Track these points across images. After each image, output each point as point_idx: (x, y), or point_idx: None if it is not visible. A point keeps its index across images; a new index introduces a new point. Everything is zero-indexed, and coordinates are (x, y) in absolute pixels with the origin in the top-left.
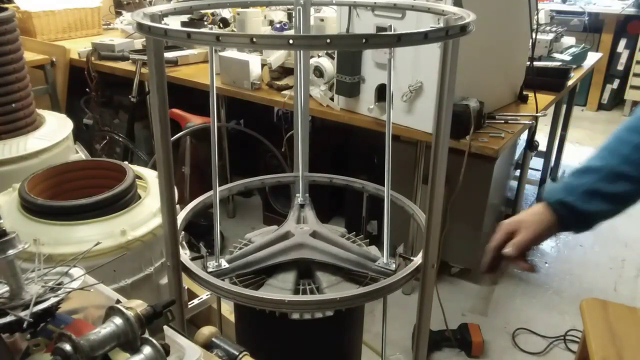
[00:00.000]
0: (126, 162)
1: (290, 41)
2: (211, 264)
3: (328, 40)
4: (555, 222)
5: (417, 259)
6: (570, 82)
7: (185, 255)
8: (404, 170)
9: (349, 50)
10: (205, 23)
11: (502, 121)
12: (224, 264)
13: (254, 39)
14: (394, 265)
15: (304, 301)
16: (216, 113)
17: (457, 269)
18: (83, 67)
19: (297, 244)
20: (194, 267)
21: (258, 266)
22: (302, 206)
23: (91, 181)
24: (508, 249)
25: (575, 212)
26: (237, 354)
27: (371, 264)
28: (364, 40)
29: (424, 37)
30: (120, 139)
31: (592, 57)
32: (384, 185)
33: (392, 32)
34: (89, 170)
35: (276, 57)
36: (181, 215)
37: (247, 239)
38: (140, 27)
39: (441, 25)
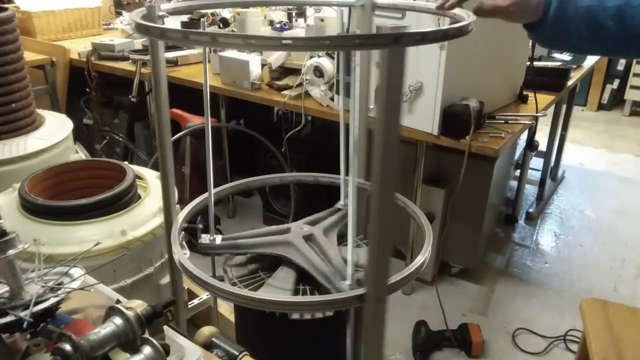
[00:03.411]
0: (126, 162)
1: (286, 42)
2: (205, 237)
3: (325, 42)
4: (541, 9)
5: (418, 259)
6: (570, 82)
7: (184, 255)
8: (403, 170)
9: (343, 51)
10: (206, 23)
11: (502, 121)
12: (218, 241)
13: (250, 40)
14: (354, 291)
15: (305, 302)
16: (216, 113)
17: (457, 269)
18: (83, 67)
19: (285, 241)
20: (193, 267)
21: (244, 251)
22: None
23: (91, 181)
24: (488, 6)
25: (561, 19)
26: (237, 354)
27: (338, 283)
28: (360, 41)
29: (421, 38)
30: (120, 139)
31: (592, 57)
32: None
33: (388, 33)
34: (89, 170)
35: (276, 57)
36: (181, 216)
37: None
38: (138, 27)
39: (443, 25)
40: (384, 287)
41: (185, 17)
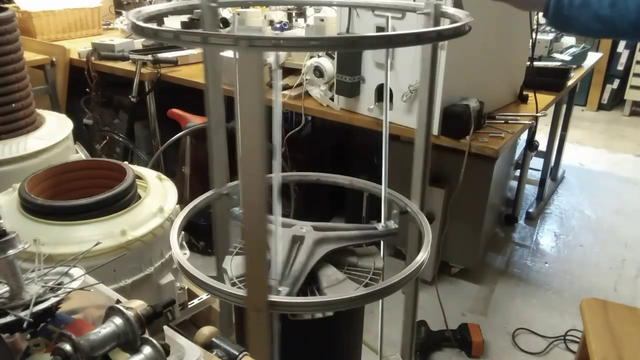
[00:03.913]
0: (126, 162)
1: (277, 42)
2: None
3: (315, 42)
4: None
5: (418, 259)
6: (570, 82)
7: (183, 255)
8: (403, 170)
9: (338, 51)
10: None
11: (502, 121)
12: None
13: (241, 40)
14: (394, 225)
15: (304, 302)
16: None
17: (457, 269)
18: (83, 67)
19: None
20: (192, 268)
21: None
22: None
23: (91, 181)
24: None
25: (560, 12)
26: (237, 354)
27: (374, 231)
28: (351, 42)
29: (415, 39)
30: (120, 139)
31: (592, 57)
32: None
33: (381, 34)
34: (89, 170)
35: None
36: (181, 216)
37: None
38: (134, 27)
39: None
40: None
41: (185, 17)
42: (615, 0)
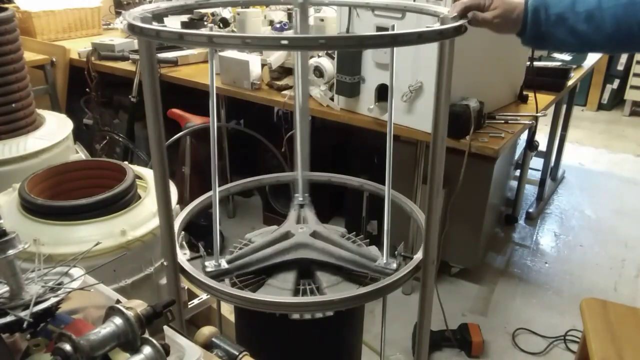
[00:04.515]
0: (126, 162)
1: (283, 42)
2: (210, 264)
3: (322, 41)
4: (520, 20)
5: (417, 257)
6: (570, 82)
7: (183, 256)
8: (404, 170)
9: (340, 50)
10: (205, 23)
11: (502, 121)
12: (224, 264)
13: (247, 40)
14: (394, 265)
15: (304, 302)
16: (216, 113)
17: (457, 269)
18: (83, 67)
19: (297, 243)
20: (192, 269)
21: (257, 266)
22: (301, 206)
23: (91, 181)
24: (476, 17)
25: (538, 29)
26: (237, 354)
27: (371, 264)
28: (356, 41)
29: (417, 38)
30: (120, 139)
31: (592, 57)
32: (384, 185)
33: (385, 33)
34: (89, 170)
35: (276, 57)
36: (181, 216)
37: (247, 239)
38: (132, 28)
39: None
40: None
41: (185, 17)
42: (591, 14)
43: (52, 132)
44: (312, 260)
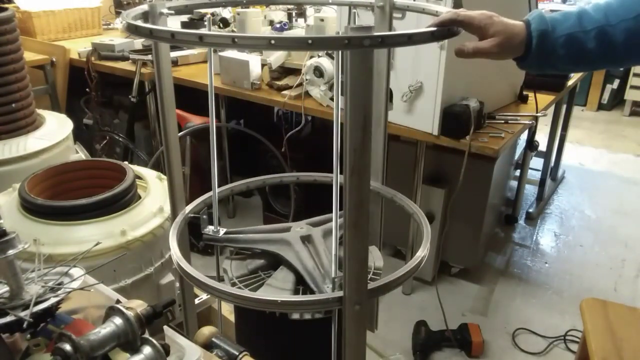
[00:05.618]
0: (126, 162)
1: (272, 42)
2: (210, 228)
3: (309, 42)
4: (523, 46)
5: (418, 254)
6: (570, 82)
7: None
8: (404, 170)
9: (330, 51)
10: (205, 23)
11: (502, 121)
12: (221, 233)
13: (235, 39)
14: (333, 294)
15: (304, 302)
16: (216, 113)
17: (457, 269)
18: (83, 67)
19: (283, 240)
20: (191, 269)
21: (243, 245)
22: None
23: (91, 181)
24: (469, 49)
25: (544, 51)
26: (237, 354)
27: (321, 285)
28: (346, 42)
29: (407, 39)
30: (120, 139)
31: None
32: (384, 184)
33: (375, 34)
34: (89, 170)
35: (276, 57)
36: (181, 216)
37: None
38: (128, 26)
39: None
40: (362, 291)
41: (185, 17)
42: (603, 30)
43: (52, 132)
44: (283, 258)
